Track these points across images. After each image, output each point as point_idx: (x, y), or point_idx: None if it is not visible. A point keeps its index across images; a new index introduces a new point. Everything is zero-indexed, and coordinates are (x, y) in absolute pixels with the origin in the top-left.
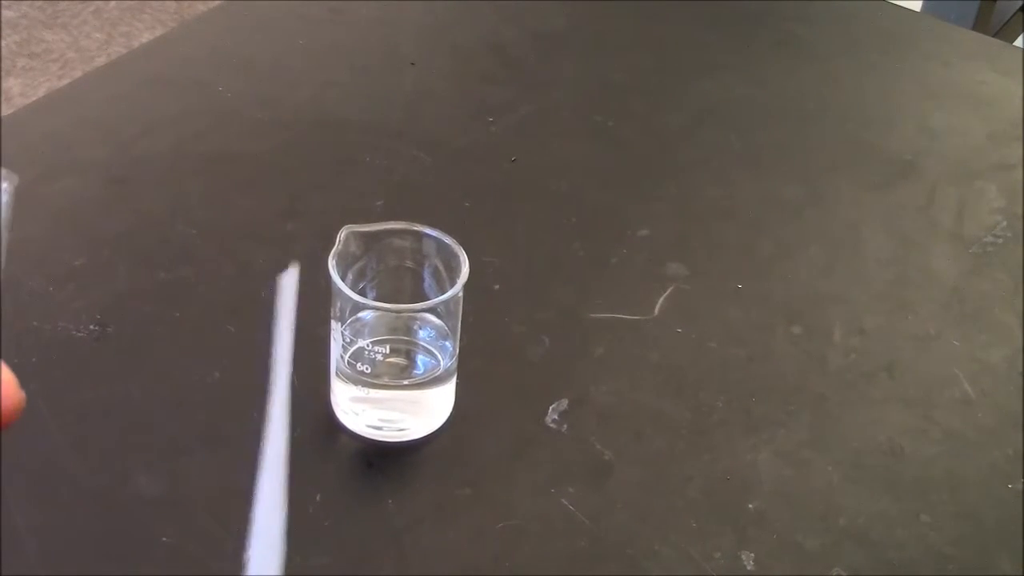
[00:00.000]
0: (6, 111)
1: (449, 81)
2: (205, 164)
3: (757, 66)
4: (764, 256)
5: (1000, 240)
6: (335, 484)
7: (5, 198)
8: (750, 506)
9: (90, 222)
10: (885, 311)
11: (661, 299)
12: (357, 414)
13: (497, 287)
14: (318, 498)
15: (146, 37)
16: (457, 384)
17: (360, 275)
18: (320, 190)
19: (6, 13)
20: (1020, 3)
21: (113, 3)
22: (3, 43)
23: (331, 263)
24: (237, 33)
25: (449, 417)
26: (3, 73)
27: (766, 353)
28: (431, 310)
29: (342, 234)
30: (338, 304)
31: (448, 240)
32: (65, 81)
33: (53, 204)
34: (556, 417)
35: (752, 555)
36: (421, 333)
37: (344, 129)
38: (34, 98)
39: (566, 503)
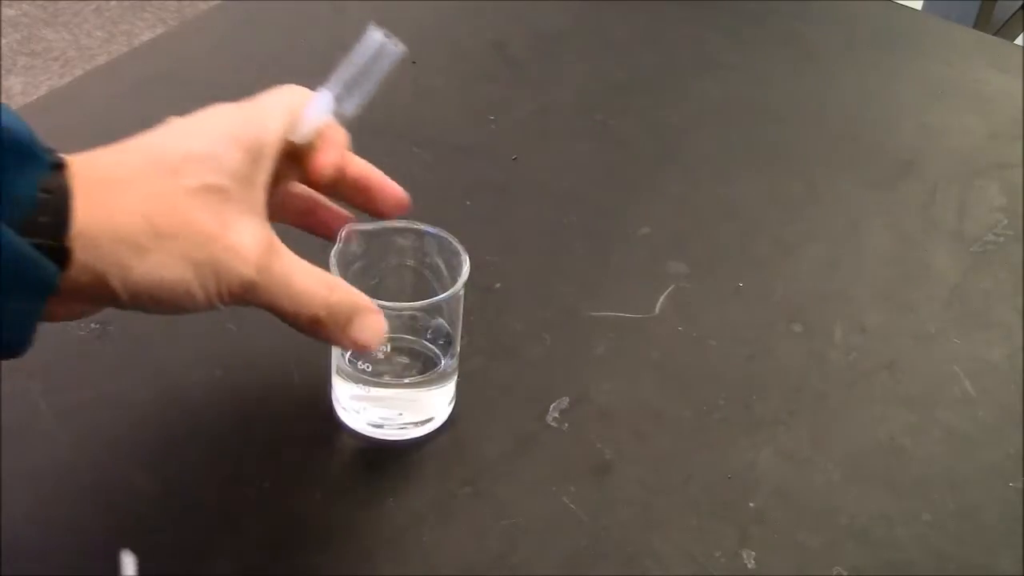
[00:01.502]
0: None
1: (450, 79)
2: None
3: (758, 65)
4: (765, 255)
5: (1001, 238)
6: (335, 482)
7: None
8: (751, 505)
9: None
10: (886, 309)
11: (662, 297)
12: (358, 412)
13: (498, 285)
14: (318, 496)
15: (147, 35)
16: (457, 383)
17: (361, 273)
18: None
19: (7, 11)
20: (1020, 2)
21: (114, 2)
22: (4, 41)
23: (332, 261)
24: (238, 31)
25: (449, 416)
26: (4, 71)
27: (767, 351)
28: (432, 308)
29: (343, 232)
30: None
31: (449, 238)
32: (66, 79)
33: None
34: (557, 415)
35: (753, 554)
36: (422, 331)
37: (345, 127)
38: (35, 96)
39: (567, 501)
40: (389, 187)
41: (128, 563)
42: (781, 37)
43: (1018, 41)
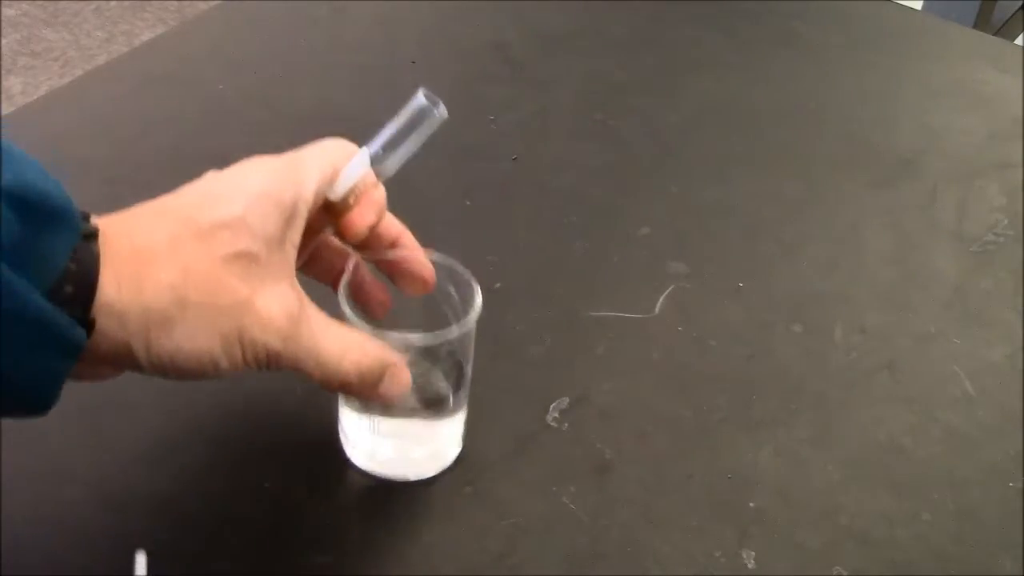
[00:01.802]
0: (7, 109)
1: (450, 80)
2: (206, 163)
3: (757, 65)
4: (765, 255)
5: (1001, 239)
6: (335, 482)
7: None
8: (751, 504)
9: None
10: (886, 309)
11: (662, 297)
12: (366, 446)
13: (498, 285)
14: (318, 496)
15: (147, 35)
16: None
17: None
18: None
19: (7, 11)
20: (1020, 2)
21: (114, 2)
22: (4, 41)
23: (341, 293)
24: (238, 32)
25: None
26: (4, 71)
27: (767, 352)
28: (443, 340)
29: (351, 263)
30: None
31: (460, 269)
32: (66, 79)
33: None
34: (557, 415)
35: (753, 554)
36: (432, 364)
37: (345, 128)
38: (35, 96)
39: (567, 502)
40: (417, 261)
41: (140, 563)
42: (781, 37)
43: (1018, 41)
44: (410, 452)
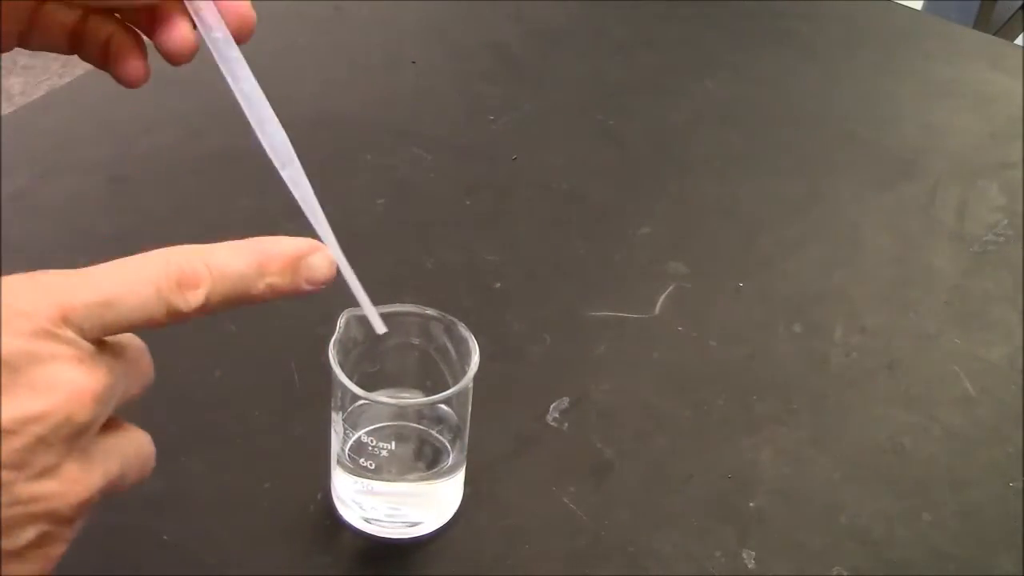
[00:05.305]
0: (7, 110)
1: (450, 80)
2: (206, 163)
3: (758, 65)
4: (765, 254)
5: (1001, 239)
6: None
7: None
8: (751, 505)
9: (91, 221)
10: (886, 309)
11: (662, 297)
12: (361, 507)
13: (498, 285)
14: (319, 496)
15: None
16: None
17: (362, 360)
18: (321, 189)
19: None
20: (1020, 2)
21: None
22: None
23: (331, 352)
24: None
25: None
26: (4, 71)
27: (767, 351)
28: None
29: (342, 320)
30: (339, 393)
31: (456, 323)
32: (66, 79)
33: (54, 203)
34: (557, 415)
35: (753, 554)
36: (428, 423)
37: (345, 128)
38: (35, 96)
39: (567, 502)
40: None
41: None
42: (781, 37)
43: (1018, 41)
44: (407, 514)
